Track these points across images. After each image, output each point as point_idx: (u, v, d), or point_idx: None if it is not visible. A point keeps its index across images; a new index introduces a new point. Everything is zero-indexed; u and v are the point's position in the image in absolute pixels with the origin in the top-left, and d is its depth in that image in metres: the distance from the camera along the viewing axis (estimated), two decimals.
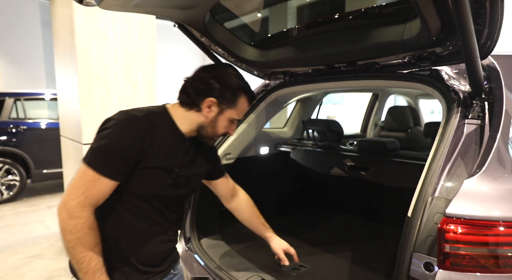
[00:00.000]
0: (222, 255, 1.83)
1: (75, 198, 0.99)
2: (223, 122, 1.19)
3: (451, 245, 0.91)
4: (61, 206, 0.99)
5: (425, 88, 1.44)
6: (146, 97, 3.32)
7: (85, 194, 0.99)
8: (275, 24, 2.05)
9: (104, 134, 1.04)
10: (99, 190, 1.02)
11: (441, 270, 0.92)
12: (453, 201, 0.95)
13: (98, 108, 3.03)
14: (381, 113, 3.61)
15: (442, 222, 0.93)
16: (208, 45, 2.01)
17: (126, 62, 3.19)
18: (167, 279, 1.26)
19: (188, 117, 1.17)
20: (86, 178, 1.00)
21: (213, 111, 1.16)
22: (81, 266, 0.99)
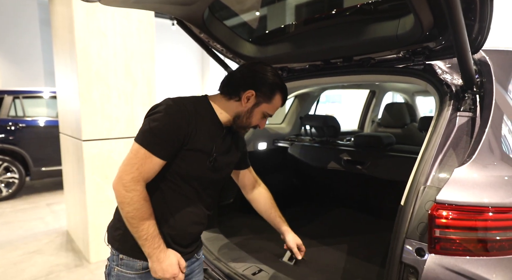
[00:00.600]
0: (221, 247, 1.87)
1: (130, 173, 1.09)
2: (258, 114, 1.29)
3: (441, 230, 0.94)
4: (116, 182, 1.09)
5: (419, 82, 1.47)
6: (145, 94, 3.34)
7: (139, 170, 1.09)
8: (273, 20, 2.08)
9: (156, 118, 1.12)
10: (150, 167, 1.11)
11: (432, 255, 0.96)
12: (443, 189, 0.98)
13: (97, 105, 3.06)
14: (378, 110, 3.64)
15: (433, 208, 0.97)
16: (207, 41, 2.04)
17: (126, 60, 3.21)
18: (190, 262, 1.33)
19: (227, 107, 1.27)
20: (139, 155, 1.10)
21: (251, 103, 1.26)
22: (141, 234, 1.11)
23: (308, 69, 2.02)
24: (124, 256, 1.20)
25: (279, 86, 1.28)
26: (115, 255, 1.22)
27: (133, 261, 1.20)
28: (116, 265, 1.21)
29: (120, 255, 1.20)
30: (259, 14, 2.11)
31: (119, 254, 1.21)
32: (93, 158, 3.08)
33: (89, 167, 3.08)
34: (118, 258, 1.21)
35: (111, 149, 3.18)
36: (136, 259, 1.19)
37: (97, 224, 3.19)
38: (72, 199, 3.64)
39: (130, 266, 1.20)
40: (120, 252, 1.21)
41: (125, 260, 1.20)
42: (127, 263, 1.20)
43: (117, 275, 1.21)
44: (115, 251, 1.22)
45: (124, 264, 1.20)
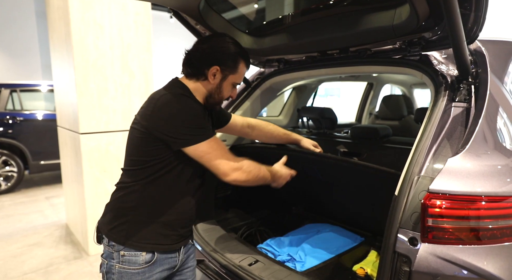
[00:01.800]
0: (218, 238, 1.88)
1: (227, 163, 1.21)
2: (227, 87, 1.31)
3: (433, 219, 0.95)
4: (229, 176, 1.21)
5: (415, 73, 1.47)
6: (142, 86, 3.33)
7: (226, 155, 1.22)
8: (269, 12, 2.06)
9: (181, 117, 1.15)
10: (223, 145, 1.25)
11: (424, 244, 0.97)
12: (437, 178, 0.99)
13: (94, 97, 3.05)
14: (376, 103, 3.64)
15: (425, 198, 0.97)
16: (203, 33, 2.02)
17: (122, 52, 3.19)
18: (186, 248, 1.37)
19: (197, 88, 1.27)
20: (214, 147, 1.20)
21: (218, 78, 1.27)
22: (267, 175, 1.35)
23: (304, 60, 2.01)
24: (126, 252, 1.19)
25: (240, 54, 1.29)
26: (115, 252, 1.21)
27: (135, 256, 1.19)
28: (117, 262, 1.20)
29: (122, 251, 1.19)
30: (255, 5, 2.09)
31: (121, 250, 1.19)
32: (91, 151, 3.08)
33: (87, 160, 3.08)
34: (119, 255, 1.20)
35: (109, 142, 3.18)
36: (139, 252, 1.19)
37: (96, 217, 3.18)
38: (70, 192, 3.65)
39: (133, 261, 1.20)
40: (125, 246, 1.19)
41: (127, 256, 1.19)
42: (129, 259, 1.20)
43: (119, 272, 1.20)
44: (115, 248, 1.20)
45: (126, 260, 1.20)
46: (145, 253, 1.20)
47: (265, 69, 2.33)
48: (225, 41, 1.27)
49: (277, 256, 1.80)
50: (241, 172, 1.24)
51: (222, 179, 1.22)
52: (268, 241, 1.95)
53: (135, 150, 1.22)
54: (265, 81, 2.21)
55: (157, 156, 1.19)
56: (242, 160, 1.26)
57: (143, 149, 1.19)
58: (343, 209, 2.18)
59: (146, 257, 1.20)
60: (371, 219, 2.02)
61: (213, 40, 1.28)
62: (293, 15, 1.86)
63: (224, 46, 1.26)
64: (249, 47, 2.03)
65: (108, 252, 1.23)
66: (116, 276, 1.21)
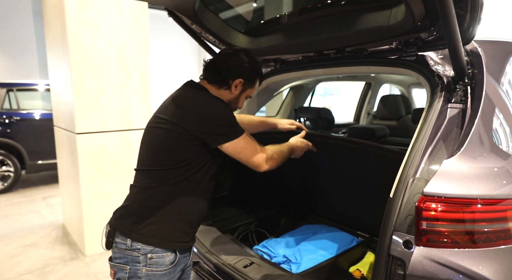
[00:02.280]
0: (213, 240, 1.86)
1: (261, 155, 1.34)
2: (243, 98, 1.46)
3: (428, 222, 0.94)
4: (263, 166, 1.35)
5: (411, 74, 1.45)
6: (139, 86, 3.31)
7: (259, 148, 1.35)
8: (265, 11, 2.05)
9: (220, 116, 1.26)
10: (253, 140, 1.35)
11: (419, 247, 0.96)
12: (431, 181, 0.98)
13: (91, 97, 3.03)
14: (374, 102, 3.63)
15: (420, 201, 0.96)
16: (199, 32, 2.01)
17: (119, 51, 3.17)
18: (186, 257, 1.38)
19: (220, 95, 1.37)
20: (249, 141, 1.32)
21: (238, 90, 1.40)
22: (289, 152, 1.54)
23: (301, 60, 2.00)
24: (153, 254, 1.21)
25: (259, 72, 1.45)
26: (141, 255, 1.21)
27: (162, 258, 1.23)
28: (144, 266, 1.21)
29: (149, 254, 1.21)
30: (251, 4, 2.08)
31: (148, 253, 1.21)
32: (87, 151, 3.07)
33: (83, 160, 3.06)
34: (146, 258, 1.21)
35: (105, 142, 3.17)
36: (165, 253, 1.23)
37: (92, 218, 3.19)
38: (67, 193, 3.63)
39: (160, 263, 1.23)
40: (154, 247, 1.21)
41: (154, 258, 1.22)
42: (157, 261, 1.22)
43: (147, 276, 1.22)
44: (141, 251, 1.21)
45: (154, 262, 1.22)
46: (170, 254, 1.25)
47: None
48: (249, 58, 1.41)
49: (272, 257, 1.79)
50: (272, 161, 1.39)
51: (258, 170, 1.35)
52: (264, 242, 1.94)
53: (165, 150, 1.25)
54: (261, 81, 2.19)
55: (190, 156, 1.24)
56: (269, 149, 1.41)
57: (176, 149, 1.24)
58: (342, 210, 2.17)
59: (171, 257, 1.25)
60: (369, 220, 2.01)
61: (239, 56, 1.40)
62: (290, 15, 1.84)
63: (249, 63, 1.40)
64: (245, 47, 2.02)
65: (132, 257, 1.22)
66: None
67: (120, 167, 3.28)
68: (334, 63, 1.79)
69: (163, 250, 1.23)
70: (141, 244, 1.21)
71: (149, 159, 1.30)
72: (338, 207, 2.20)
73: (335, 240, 1.90)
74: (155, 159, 1.27)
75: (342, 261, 1.77)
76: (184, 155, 1.23)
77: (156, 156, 1.27)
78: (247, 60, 1.39)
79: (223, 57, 1.40)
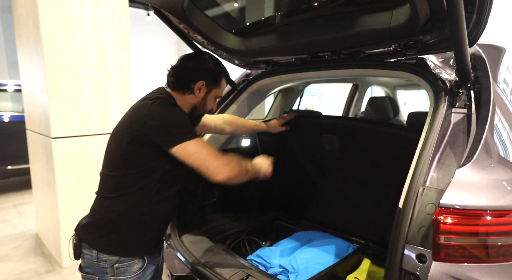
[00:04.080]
0: (205, 251, 1.77)
1: (215, 160, 1.21)
2: (211, 100, 1.42)
3: (446, 236, 0.89)
4: (221, 173, 1.20)
5: (412, 77, 1.42)
6: (120, 87, 3.15)
7: (214, 152, 1.23)
8: (257, 11, 1.97)
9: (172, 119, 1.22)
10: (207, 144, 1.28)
11: (436, 262, 0.91)
12: (447, 191, 0.93)
13: (67, 99, 2.85)
14: (361, 104, 3.63)
15: (437, 213, 0.91)
16: (187, 32, 1.91)
17: (97, 51, 3.00)
18: (157, 258, 1.39)
19: (185, 101, 1.36)
20: (202, 145, 1.22)
21: (203, 92, 1.37)
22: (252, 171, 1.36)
23: (294, 62, 1.93)
24: (120, 264, 1.22)
25: (222, 71, 1.43)
26: (107, 267, 1.22)
27: (129, 266, 1.23)
28: (112, 275, 1.22)
29: (116, 264, 1.21)
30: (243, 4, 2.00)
31: (114, 263, 1.21)
32: (64, 156, 2.88)
33: (60, 166, 2.87)
34: (113, 268, 1.22)
35: (84, 147, 2.99)
36: (132, 261, 1.24)
37: (70, 226, 2.99)
38: (41, 200, 3.41)
39: (128, 271, 1.23)
40: (120, 257, 1.22)
41: (121, 268, 1.22)
42: (124, 270, 1.23)
43: None
44: (107, 263, 1.21)
45: (121, 271, 1.23)
46: (137, 260, 1.25)
47: (251, 71, 2.24)
48: (207, 59, 1.40)
49: (268, 268, 1.71)
50: (231, 169, 1.23)
51: (215, 178, 1.20)
52: (258, 252, 1.86)
53: (123, 155, 1.24)
54: (252, 83, 2.11)
55: (146, 160, 1.22)
56: (228, 156, 1.27)
57: (132, 153, 1.22)
58: (335, 215, 2.13)
59: (138, 264, 1.26)
60: (364, 225, 1.97)
61: (197, 58, 1.41)
62: (283, 15, 1.78)
63: (208, 63, 1.38)
64: (235, 48, 1.94)
65: (99, 268, 1.23)
66: None
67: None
68: (329, 65, 1.74)
69: (130, 259, 1.24)
70: (106, 255, 1.21)
71: (108, 163, 1.29)
72: (331, 212, 2.15)
73: (330, 247, 1.85)
74: (111, 162, 1.28)
75: (340, 270, 1.72)
76: (139, 159, 1.22)
77: (113, 161, 1.27)
78: (208, 61, 1.38)
79: (182, 62, 1.38)
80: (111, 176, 1.26)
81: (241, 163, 1.30)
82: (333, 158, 1.93)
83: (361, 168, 1.85)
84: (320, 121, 1.98)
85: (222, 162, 1.22)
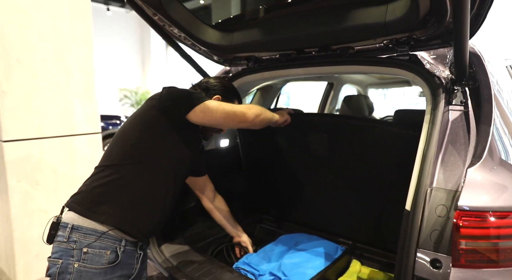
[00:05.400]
0: (188, 262, 1.63)
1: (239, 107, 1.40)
2: None
3: (467, 240, 0.85)
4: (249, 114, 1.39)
5: (406, 74, 1.38)
6: (82, 85, 2.88)
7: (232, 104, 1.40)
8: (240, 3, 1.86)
9: (182, 91, 1.35)
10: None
11: (456, 269, 0.86)
12: (463, 193, 0.88)
13: (21, 97, 2.55)
14: (336, 103, 3.64)
15: (456, 217, 0.86)
16: (162, 25, 1.75)
17: (56, 45, 2.72)
18: (142, 259, 1.32)
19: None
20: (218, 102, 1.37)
21: None
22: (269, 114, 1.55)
23: (278, 59, 1.85)
24: (90, 249, 1.15)
25: (236, 93, 1.63)
26: (76, 249, 1.15)
27: (99, 255, 1.16)
28: (77, 260, 1.14)
29: (84, 248, 1.15)
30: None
31: (83, 247, 1.15)
32: (18, 161, 2.58)
33: (13, 173, 2.57)
34: (81, 252, 1.15)
35: (43, 150, 2.70)
36: (103, 251, 1.16)
37: (26, 239, 2.69)
38: None
39: (96, 260, 1.15)
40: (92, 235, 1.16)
41: (90, 253, 1.15)
42: (92, 257, 1.15)
43: (78, 272, 1.14)
44: (78, 243, 1.15)
45: (89, 258, 1.15)
46: (109, 252, 1.17)
47: (231, 68, 2.12)
48: (224, 79, 1.63)
49: (258, 276, 1.61)
50: (252, 108, 1.42)
51: (246, 120, 1.38)
52: (244, 259, 1.75)
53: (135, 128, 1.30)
54: (233, 81, 2.00)
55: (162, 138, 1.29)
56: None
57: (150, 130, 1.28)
58: (322, 216, 2.07)
59: (109, 256, 1.17)
60: (352, 225, 1.93)
61: (218, 78, 1.65)
62: (268, 8, 1.68)
63: (225, 83, 1.61)
64: (215, 43, 1.81)
65: (66, 250, 1.16)
66: (73, 276, 1.14)
67: (62, 179, 2.83)
68: (317, 62, 1.67)
69: (102, 246, 1.16)
70: (78, 235, 1.15)
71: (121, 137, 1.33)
72: (317, 213, 2.09)
73: (319, 250, 1.79)
74: (125, 137, 1.31)
75: (331, 273, 1.67)
76: (152, 131, 1.28)
77: (126, 135, 1.31)
78: (226, 82, 1.65)
79: (204, 79, 1.66)
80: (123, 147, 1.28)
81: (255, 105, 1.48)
82: (321, 157, 1.87)
83: (350, 167, 1.81)
84: (308, 119, 1.90)
85: (242, 107, 1.40)
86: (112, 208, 1.19)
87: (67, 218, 1.20)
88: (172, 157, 1.31)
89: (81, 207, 1.20)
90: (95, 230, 1.17)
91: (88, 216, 1.18)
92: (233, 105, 1.38)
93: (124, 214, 1.21)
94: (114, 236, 1.19)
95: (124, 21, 10.51)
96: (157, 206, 1.30)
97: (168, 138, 1.29)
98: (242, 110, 1.38)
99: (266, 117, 1.51)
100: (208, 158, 1.82)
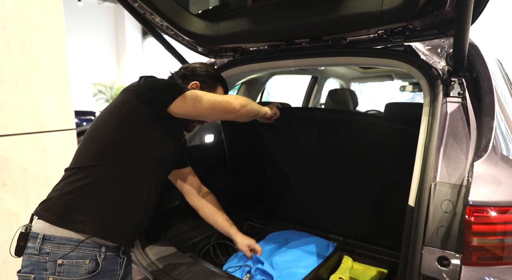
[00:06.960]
0: (175, 264, 1.55)
1: (223, 99, 1.30)
2: None
3: (479, 237, 0.81)
4: (235, 104, 1.31)
5: (401, 65, 1.34)
6: (54, 78, 2.69)
7: (217, 95, 1.33)
8: None
9: (160, 82, 1.26)
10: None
11: (467, 267, 0.83)
12: (473, 188, 0.85)
13: None
14: (320, 97, 3.61)
15: (468, 213, 0.83)
16: (143, 13, 1.63)
17: (23, 34, 2.51)
18: (126, 263, 1.25)
19: None
20: (202, 92, 1.27)
21: None
22: (256, 106, 1.48)
23: (266, 50, 1.77)
24: (65, 260, 1.05)
25: (219, 78, 1.49)
26: (49, 261, 1.05)
27: (77, 265, 1.07)
28: (51, 274, 1.05)
29: (60, 260, 1.05)
30: None
31: (58, 259, 1.05)
32: None
33: None
34: (56, 264, 1.05)
35: (10, 148, 2.50)
36: (81, 260, 1.06)
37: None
38: None
39: (73, 272, 1.06)
40: (87, 234, 1.08)
41: (65, 265, 1.05)
42: (68, 269, 1.06)
43: None
44: (51, 254, 1.05)
45: (65, 270, 1.05)
46: (88, 261, 1.08)
47: (216, 60, 2.02)
48: (207, 65, 1.50)
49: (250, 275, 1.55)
50: (238, 98, 1.35)
51: (232, 110, 1.30)
52: (233, 259, 1.68)
53: (111, 121, 1.19)
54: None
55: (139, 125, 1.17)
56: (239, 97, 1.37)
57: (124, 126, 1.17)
58: (311, 212, 2.03)
59: (89, 265, 1.08)
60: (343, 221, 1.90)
61: (196, 63, 1.51)
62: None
63: (206, 68, 1.47)
64: (200, 33, 1.72)
65: (39, 263, 1.05)
66: None
67: (32, 178, 2.64)
68: (308, 53, 1.61)
69: (79, 256, 1.07)
70: (51, 246, 1.05)
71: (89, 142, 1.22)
72: (306, 209, 2.05)
73: (310, 247, 1.75)
74: (97, 139, 1.21)
75: (324, 271, 1.63)
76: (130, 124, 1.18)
77: (99, 132, 1.21)
78: (204, 66, 1.50)
79: (189, 64, 1.53)
80: (95, 145, 1.18)
81: (241, 96, 1.40)
82: (310, 152, 1.82)
83: (340, 162, 1.77)
84: (296, 113, 1.84)
85: (228, 97, 1.32)
86: (88, 215, 1.09)
87: (37, 228, 1.09)
88: (151, 154, 1.21)
89: (52, 215, 1.09)
90: (70, 239, 1.07)
91: (61, 224, 1.08)
92: (218, 95, 1.31)
93: (102, 221, 1.11)
94: (92, 244, 1.09)
95: (97, 13, 10.05)
96: (138, 208, 1.21)
97: (146, 134, 1.18)
98: (228, 99, 1.30)
99: (253, 108, 1.44)
100: (191, 154, 1.72)
